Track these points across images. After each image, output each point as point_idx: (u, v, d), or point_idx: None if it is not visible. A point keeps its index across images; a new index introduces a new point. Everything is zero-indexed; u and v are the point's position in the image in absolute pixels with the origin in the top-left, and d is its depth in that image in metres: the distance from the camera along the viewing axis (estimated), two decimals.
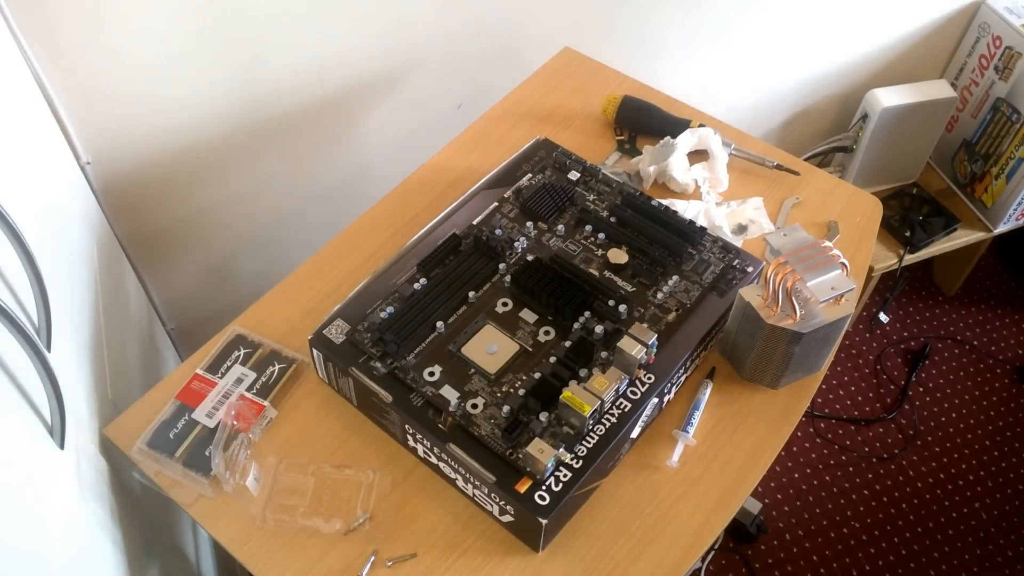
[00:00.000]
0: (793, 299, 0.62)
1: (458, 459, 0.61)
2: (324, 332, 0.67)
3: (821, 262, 0.62)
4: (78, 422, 0.62)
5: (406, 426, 0.64)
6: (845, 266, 0.62)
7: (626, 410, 0.63)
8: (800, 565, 1.35)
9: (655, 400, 0.66)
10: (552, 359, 0.65)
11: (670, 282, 0.72)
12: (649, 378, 0.65)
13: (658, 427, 0.69)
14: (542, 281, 0.69)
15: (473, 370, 0.65)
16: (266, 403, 0.69)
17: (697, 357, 0.70)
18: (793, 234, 0.64)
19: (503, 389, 0.64)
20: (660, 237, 0.74)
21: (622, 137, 0.92)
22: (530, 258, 0.72)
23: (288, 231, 1.10)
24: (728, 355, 0.71)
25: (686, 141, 0.87)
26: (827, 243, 0.63)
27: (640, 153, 0.89)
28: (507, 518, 0.61)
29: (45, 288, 0.56)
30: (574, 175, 0.80)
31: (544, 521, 0.58)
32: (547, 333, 0.68)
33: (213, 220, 1.00)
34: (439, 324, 0.67)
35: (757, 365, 0.69)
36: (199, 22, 0.82)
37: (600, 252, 0.74)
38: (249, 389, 0.70)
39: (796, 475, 1.45)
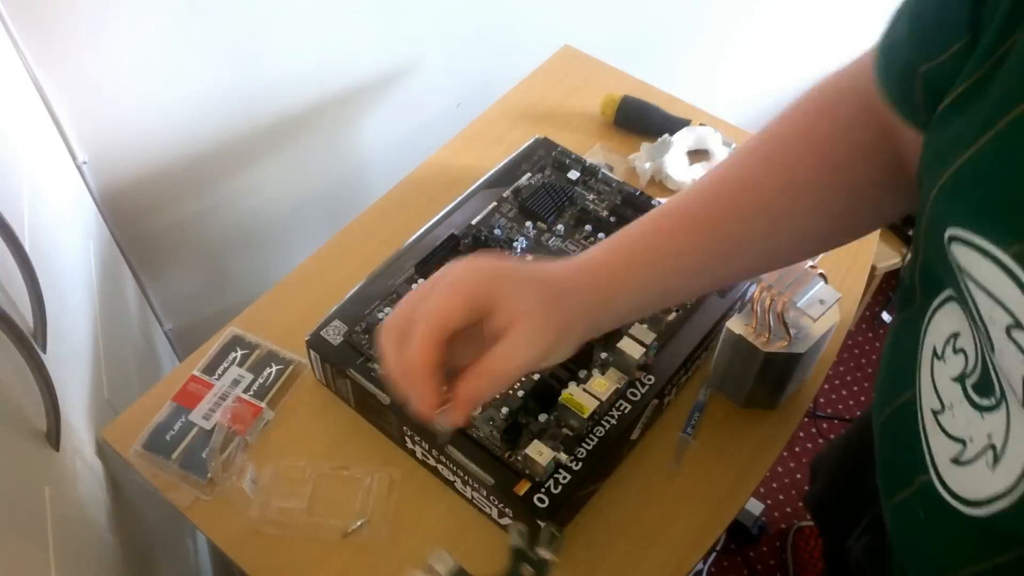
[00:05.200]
0: (785, 323, 0.61)
1: (456, 461, 0.60)
2: (321, 333, 0.67)
3: (802, 278, 0.61)
4: (74, 424, 0.62)
5: (404, 428, 0.63)
6: (823, 276, 0.62)
7: (626, 412, 0.63)
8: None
9: (655, 401, 0.65)
10: None
11: None
12: (649, 379, 0.65)
13: (659, 429, 0.68)
14: None
15: None
16: (263, 405, 0.68)
17: (697, 358, 0.70)
18: None
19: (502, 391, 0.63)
20: None
21: None
22: (529, 258, 0.72)
23: (286, 231, 1.10)
24: (720, 387, 0.69)
25: (683, 139, 0.86)
26: None
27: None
28: (506, 520, 0.61)
29: (40, 288, 0.56)
30: (573, 174, 0.80)
31: (543, 524, 0.57)
32: None
33: (211, 220, 1.00)
34: None
35: (755, 392, 0.68)
36: (198, 21, 0.82)
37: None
38: (246, 391, 0.69)
39: (798, 476, 1.44)
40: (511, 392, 0.63)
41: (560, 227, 0.75)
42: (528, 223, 0.75)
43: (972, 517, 0.37)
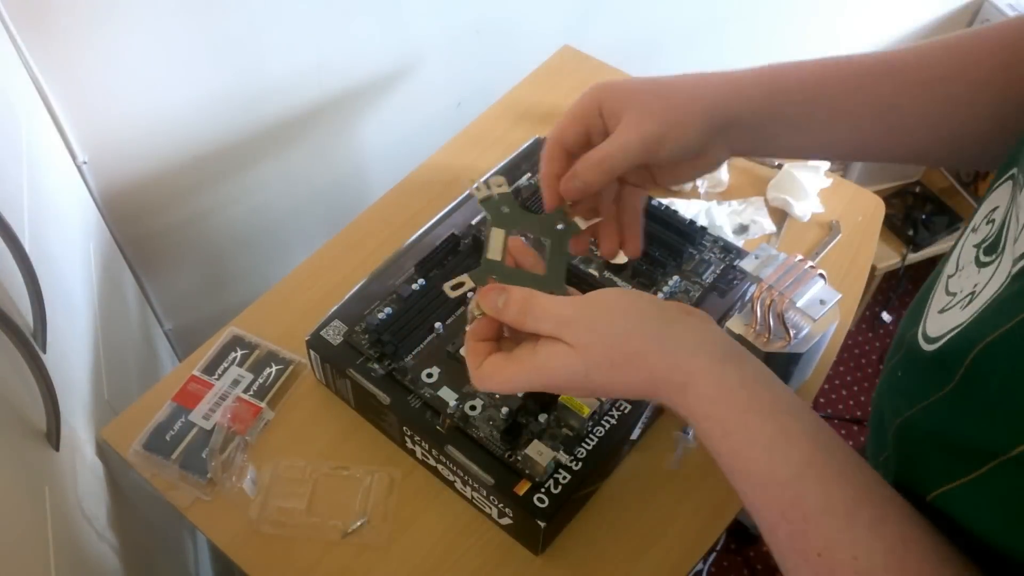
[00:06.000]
0: (785, 323, 0.61)
1: (456, 461, 0.60)
2: (321, 333, 0.67)
3: (802, 278, 0.61)
4: (73, 424, 0.62)
5: (404, 428, 0.63)
6: (823, 276, 0.62)
7: (626, 412, 0.63)
8: None
9: (655, 401, 0.65)
10: None
11: (670, 282, 0.71)
12: None
13: (658, 429, 0.68)
14: None
15: None
16: (263, 405, 0.68)
17: None
18: (765, 255, 0.63)
19: None
20: (660, 237, 0.73)
21: None
22: None
23: (286, 231, 1.10)
24: None
25: None
26: (799, 257, 0.63)
27: None
28: (506, 521, 0.61)
29: (40, 288, 0.56)
30: None
31: (543, 524, 0.57)
32: None
33: (211, 220, 1.00)
34: (437, 325, 0.67)
35: None
36: (198, 21, 0.82)
37: (600, 252, 0.73)
38: (246, 391, 0.69)
39: None
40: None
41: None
42: None
43: (927, 352, 0.39)
